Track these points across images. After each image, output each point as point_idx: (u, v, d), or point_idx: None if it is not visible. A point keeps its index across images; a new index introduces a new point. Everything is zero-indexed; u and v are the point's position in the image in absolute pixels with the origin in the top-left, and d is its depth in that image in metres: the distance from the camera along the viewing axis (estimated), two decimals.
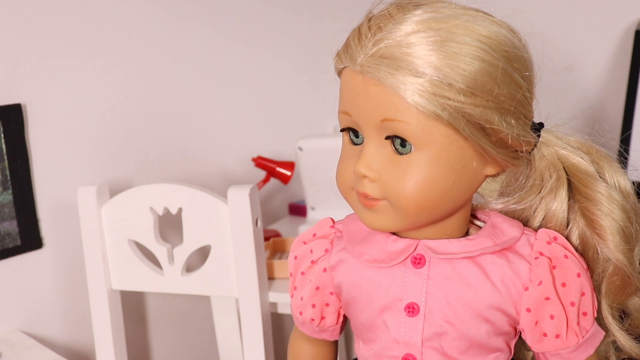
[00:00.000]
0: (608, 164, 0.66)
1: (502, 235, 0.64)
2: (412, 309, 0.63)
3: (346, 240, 0.69)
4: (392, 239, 0.65)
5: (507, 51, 0.57)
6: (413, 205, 0.59)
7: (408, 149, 0.58)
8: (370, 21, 0.58)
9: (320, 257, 0.71)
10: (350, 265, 0.68)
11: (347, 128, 0.62)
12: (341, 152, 0.64)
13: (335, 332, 0.75)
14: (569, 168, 0.65)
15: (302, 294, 0.73)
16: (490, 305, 0.62)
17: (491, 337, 0.63)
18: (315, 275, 0.71)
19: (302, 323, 0.75)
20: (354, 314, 0.69)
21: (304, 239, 0.73)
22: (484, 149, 0.58)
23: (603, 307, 0.67)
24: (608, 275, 0.66)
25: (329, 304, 0.72)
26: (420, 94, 0.55)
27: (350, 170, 0.62)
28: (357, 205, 0.63)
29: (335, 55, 0.62)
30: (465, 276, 0.62)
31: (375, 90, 0.57)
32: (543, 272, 0.62)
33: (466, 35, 0.55)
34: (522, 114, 0.59)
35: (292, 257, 0.74)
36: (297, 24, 1.62)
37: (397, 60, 0.55)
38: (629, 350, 0.68)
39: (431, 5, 0.57)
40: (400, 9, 0.58)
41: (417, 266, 0.64)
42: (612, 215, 0.63)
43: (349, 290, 0.68)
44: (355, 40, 0.59)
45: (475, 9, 0.59)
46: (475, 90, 0.55)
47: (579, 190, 0.65)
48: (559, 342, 0.63)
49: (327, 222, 0.73)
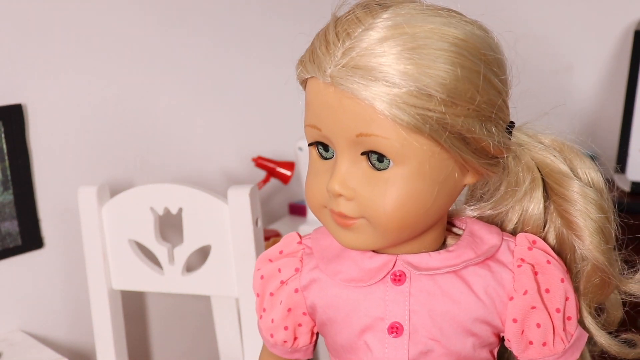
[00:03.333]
0: (580, 160, 0.63)
1: (482, 243, 0.61)
2: (395, 329, 0.60)
3: (317, 257, 0.64)
4: (368, 255, 0.61)
5: (484, 54, 0.54)
6: (394, 224, 0.55)
7: (386, 164, 0.54)
8: (337, 27, 0.54)
9: (291, 277, 0.66)
10: (324, 285, 0.63)
11: (315, 142, 0.58)
12: (309, 168, 0.60)
13: (308, 351, 0.71)
14: (543, 168, 0.63)
15: (272, 316, 0.68)
16: (476, 318, 0.60)
17: (477, 350, 0.62)
18: (286, 296, 0.66)
19: (274, 345, 0.70)
20: (331, 335, 0.65)
21: (269, 257, 0.68)
22: (465, 159, 0.55)
23: (582, 307, 0.65)
24: (586, 275, 0.64)
25: (301, 324, 0.67)
26: (398, 106, 0.51)
27: (322, 188, 0.57)
28: (331, 224, 0.58)
29: (299, 64, 0.57)
30: (448, 290, 0.60)
31: (349, 103, 0.52)
32: (527, 280, 0.60)
33: (442, 40, 0.52)
34: (500, 119, 0.56)
35: (257, 276, 0.68)
36: (297, 24, 1.62)
37: (372, 70, 0.51)
38: (608, 348, 0.66)
39: (399, 6, 0.53)
40: (367, 12, 0.53)
41: (397, 283, 0.60)
42: (589, 214, 0.61)
43: (324, 312, 0.64)
44: (322, 48, 0.54)
45: (445, 8, 0.56)
46: (456, 99, 0.52)
47: (555, 190, 0.63)
48: (545, 350, 0.61)
49: (293, 237, 0.67)
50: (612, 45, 1.39)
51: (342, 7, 0.56)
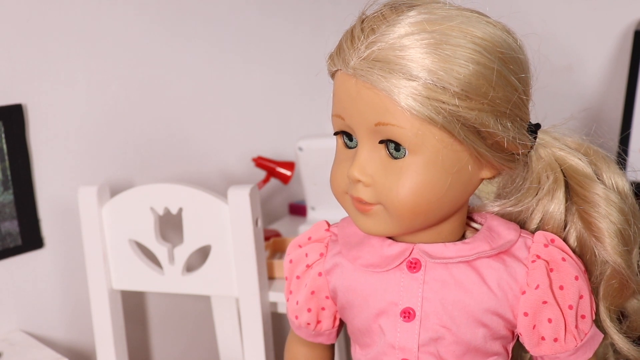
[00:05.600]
0: (606, 165, 0.65)
1: (499, 238, 0.63)
2: (407, 314, 0.63)
3: (341, 244, 0.68)
4: (387, 243, 0.64)
5: (502, 53, 0.56)
6: (407, 210, 0.58)
7: (402, 153, 0.57)
8: (363, 23, 0.57)
9: (316, 261, 0.70)
10: (345, 270, 0.67)
11: (340, 131, 0.61)
12: (335, 156, 0.64)
13: (331, 335, 0.75)
14: (567, 170, 0.64)
15: (297, 298, 0.72)
16: (487, 309, 0.62)
17: (488, 342, 0.63)
18: (311, 280, 0.71)
19: (298, 327, 0.74)
20: (349, 319, 0.69)
21: (299, 243, 0.73)
22: (479, 152, 0.57)
23: (601, 309, 0.66)
24: (606, 277, 0.65)
25: (324, 308, 0.72)
26: (414, 97, 0.54)
27: (344, 174, 0.61)
28: (351, 209, 0.62)
29: (328, 58, 0.61)
30: (461, 280, 0.62)
31: (369, 94, 0.56)
32: (540, 275, 0.61)
33: (460, 38, 0.54)
34: (517, 117, 0.58)
35: (287, 260, 0.73)
36: (296, 24, 1.63)
37: (391, 63, 0.54)
38: (627, 353, 0.67)
39: (425, 6, 0.56)
40: (393, 10, 0.57)
41: (412, 271, 0.63)
42: (609, 217, 0.62)
43: (344, 295, 0.68)
44: (347, 42, 0.58)
45: (470, 9, 0.58)
46: (470, 93, 0.54)
47: (577, 192, 0.64)
48: (557, 346, 0.62)
49: (322, 225, 0.72)
50: (612, 45, 1.39)
51: (372, 6, 0.60)
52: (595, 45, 1.41)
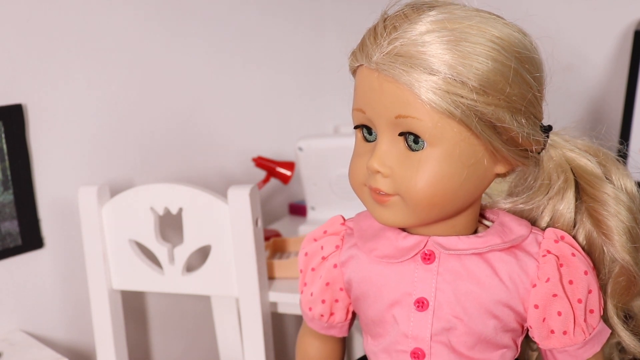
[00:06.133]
0: (615, 166, 0.67)
1: (511, 233, 0.65)
2: (421, 303, 0.65)
3: (357, 236, 0.70)
4: (402, 235, 0.66)
5: (518, 52, 0.58)
6: (425, 201, 0.60)
7: (421, 146, 0.59)
8: (386, 21, 0.60)
9: (331, 254, 0.72)
10: (360, 261, 0.69)
11: (360, 125, 0.63)
12: (354, 149, 0.66)
13: (344, 328, 0.77)
14: (577, 170, 0.66)
15: (311, 290, 0.74)
16: (498, 301, 0.63)
17: (498, 334, 0.64)
18: (326, 271, 0.72)
19: (312, 319, 0.76)
20: (363, 309, 0.70)
21: (314, 236, 0.75)
22: (495, 147, 0.59)
23: (608, 307, 0.68)
24: (614, 275, 0.67)
25: (338, 300, 0.74)
26: (434, 91, 0.56)
27: (363, 167, 0.63)
28: (369, 200, 0.64)
29: (351, 55, 0.63)
30: (474, 272, 0.63)
31: (390, 87, 0.58)
32: (550, 269, 0.63)
33: (479, 36, 0.57)
34: (532, 114, 0.60)
35: (302, 254, 0.75)
36: (296, 24, 1.63)
37: (412, 58, 0.56)
38: (634, 350, 0.69)
39: (445, 7, 0.59)
40: (415, 10, 0.59)
41: (426, 262, 0.65)
42: (618, 216, 0.64)
43: (359, 286, 0.69)
44: (370, 39, 0.60)
45: (487, 11, 0.60)
46: (488, 89, 0.56)
47: (586, 191, 0.66)
48: (566, 339, 0.64)
49: (337, 219, 0.74)
50: (612, 45, 1.39)
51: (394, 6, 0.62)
52: (595, 45, 1.41)
